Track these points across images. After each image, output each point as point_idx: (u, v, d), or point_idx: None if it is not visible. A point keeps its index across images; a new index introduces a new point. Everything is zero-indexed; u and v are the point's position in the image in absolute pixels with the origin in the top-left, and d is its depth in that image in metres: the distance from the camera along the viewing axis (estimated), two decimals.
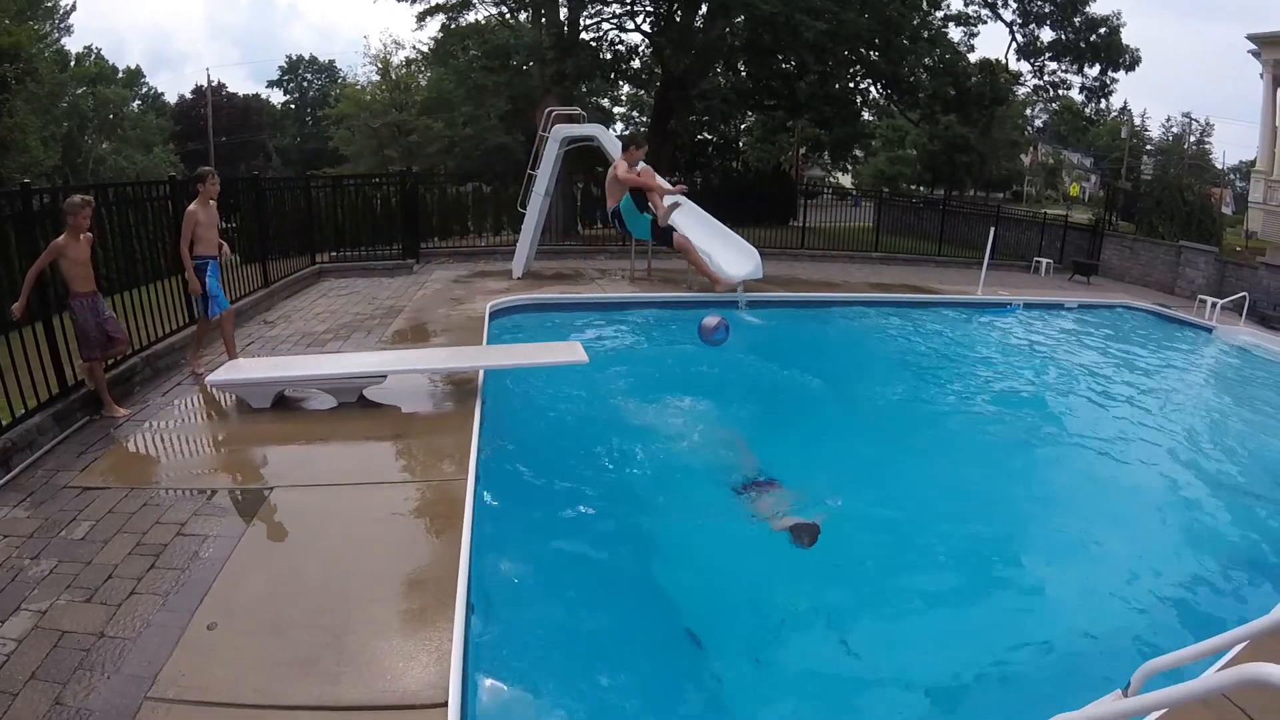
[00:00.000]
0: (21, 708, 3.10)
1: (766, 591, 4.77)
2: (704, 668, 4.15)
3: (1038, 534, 5.77)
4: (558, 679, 3.88)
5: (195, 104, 51.94)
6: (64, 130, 35.18)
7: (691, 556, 5.20)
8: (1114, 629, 4.61)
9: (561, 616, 4.41)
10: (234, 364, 7.15)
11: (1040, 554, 5.46)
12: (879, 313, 13.02)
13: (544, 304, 11.90)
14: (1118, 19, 21.77)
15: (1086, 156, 68.33)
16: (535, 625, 4.29)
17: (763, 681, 4.08)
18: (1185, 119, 58.15)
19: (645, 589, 4.78)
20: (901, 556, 5.32)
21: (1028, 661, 4.30)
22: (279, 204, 13.45)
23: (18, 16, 26.39)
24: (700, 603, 4.66)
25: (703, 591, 4.80)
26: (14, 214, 6.04)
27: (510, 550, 4.91)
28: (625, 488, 6.09)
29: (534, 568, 4.79)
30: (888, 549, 5.36)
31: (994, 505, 6.23)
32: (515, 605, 4.40)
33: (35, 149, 22.73)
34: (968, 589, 5.02)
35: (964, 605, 4.84)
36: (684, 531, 5.51)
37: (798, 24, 18.39)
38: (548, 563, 4.87)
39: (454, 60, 24.41)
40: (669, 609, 4.59)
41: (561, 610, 4.46)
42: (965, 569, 5.23)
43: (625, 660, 4.15)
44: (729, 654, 4.22)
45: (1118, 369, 10.57)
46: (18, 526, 4.57)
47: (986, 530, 5.73)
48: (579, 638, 4.27)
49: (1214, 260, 18.14)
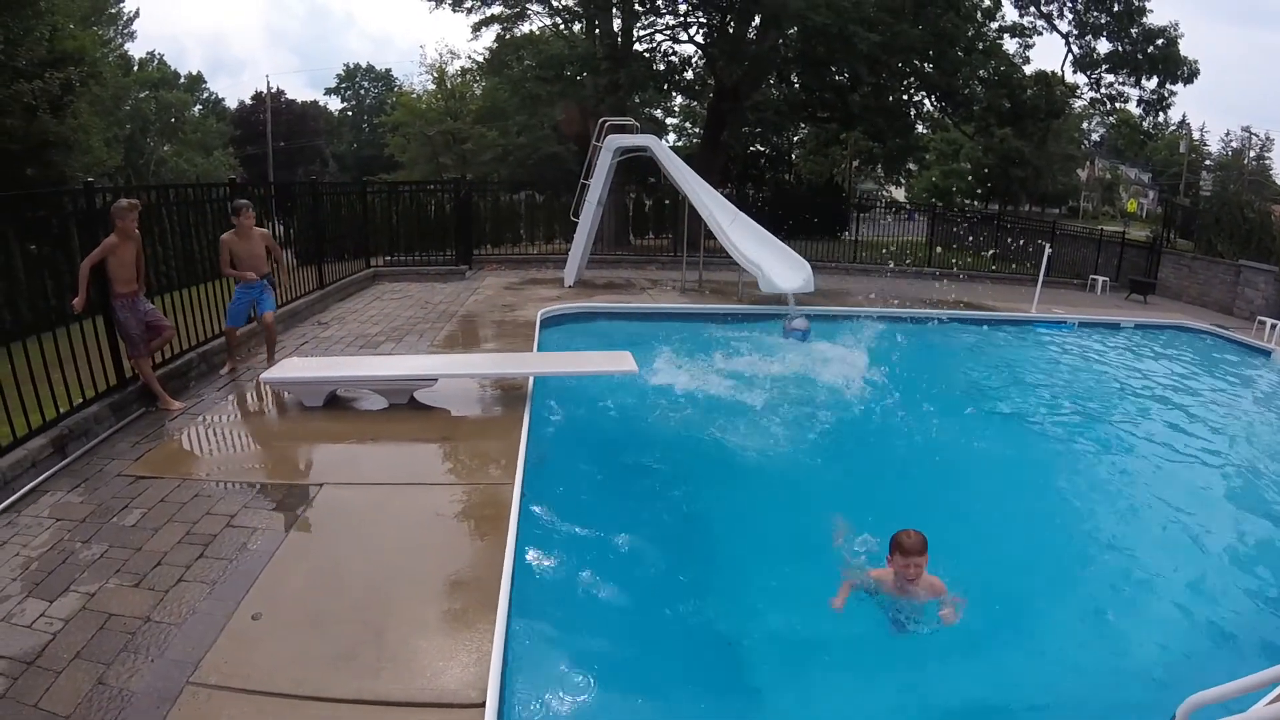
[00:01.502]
0: (64, 685, 3.15)
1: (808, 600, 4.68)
2: (742, 676, 4.09)
3: (1086, 560, 5.58)
4: (596, 685, 3.84)
5: (255, 109, 53.22)
6: (126, 132, 36.22)
7: (737, 570, 5.12)
8: (1161, 660, 4.43)
9: (603, 624, 4.37)
10: (287, 363, 7.27)
11: (1088, 580, 5.27)
12: (926, 329, 12.80)
13: (595, 312, 11.95)
14: (1175, 29, 21.27)
15: (1144, 171, 66.61)
16: (576, 631, 4.26)
17: (794, 686, 4.01)
18: (1245, 133, 56.36)
19: (687, 599, 4.72)
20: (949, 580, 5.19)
21: (1072, 691, 4.15)
22: (335, 208, 13.70)
23: (82, 22, 27.33)
24: (740, 612, 4.59)
25: (744, 601, 4.73)
26: (77, 211, 6.22)
27: (554, 556, 4.90)
28: (672, 499, 6.04)
29: (577, 575, 4.76)
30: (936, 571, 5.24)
31: (1042, 530, 6.03)
32: (557, 610, 4.38)
33: (98, 150, 23.41)
34: (1014, 615, 4.86)
35: (1009, 632, 4.69)
36: (731, 545, 5.45)
37: (851, 35, 18.26)
38: (591, 570, 4.83)
39: (508, 70, 24.66)
40: (709, 619, 4.53)
41: (603, 618, 4.42)
42: (1012, 594, 5.07)
43: (663, 670, 4.11)
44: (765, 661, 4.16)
45: (1173, 392, 10.21)
46: (71, 511, 4.68)
47: (1034, 555, 5.56)
48: (619, 645, 4.22)
49: (1274, 280, 17.43)
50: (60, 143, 18.48)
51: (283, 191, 15.76)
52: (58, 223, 6.39)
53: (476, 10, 22.97)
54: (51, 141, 18.08)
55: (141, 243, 6.46)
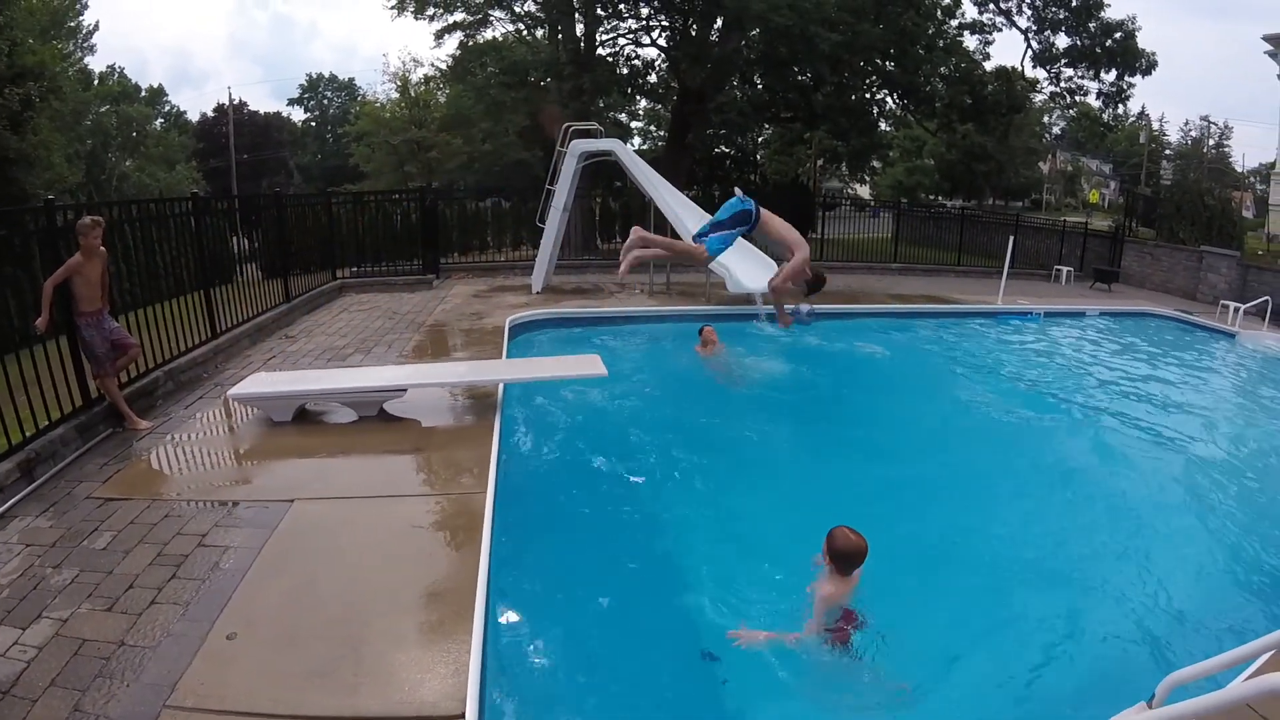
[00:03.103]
0: (41, 714, 3.14)
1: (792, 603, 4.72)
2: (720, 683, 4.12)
3: (1061, 545, 5.69)
4: (575, 692, 3.87)
5: (217, 122, 52.52)
6: (88, 148, 35.58)
7: (712, 572, 5.15)
8: (1139, 640, 4.53)
9: (580, 630, 4.40)
10: (255, 378, 7.22)
11: (1064, 565, 5.37)
12: (896, 324, 12.96)
13: (563, 318, 11.95)
14: (1133, 23, 21.69)
15: (1105, 163, 67.68)
16: (553, 638, 4.28)
17: (781, 691, 4.04)
18: (1204, 122, 57.43)
19: (663, 605, 4.76)
20: (925, 567, 5.26)
21: (1053, 673, 4.23)
22: (300, 220, 13.59)
23: (41, 35, 26.83)
24: (719, 621, 4.62)
25: (722, 608, 4.76)
26: (38, 229, 6.15)
27: (529, 563, 4.92)
28: (645, 501, 6.09)
29: (553, 581, 4.79)
30: (913, 559, 5.31)
31: (1018, 516, 6.15)
32: (534, 618, 4.40)
33: (59, 166, 23.03)
34: (991, 600, 4.95)
35: (988, 617, 4.78)
36: (703, 546, 5.46)
37: (813, 36, 18.42)
38: (566, 576, 4.87)
39: (472, 77, 24.59)
40: (687, 625, 4.56)
41: (580, 624, 4.45)
42: (988, 580, 5.16)
43: (642, 676, 4.14)
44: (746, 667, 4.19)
45: (1140, 378, 10.44)
46: (40, 536, 4.63)
47: (1010, 541, 5.67)
48: (597, 651, 4.26)
49: (1236, 265, 17.88)
50: (21, 159, 18.27)
51: (247, 204, 15.64)
52: (19, 241, 6.30)
53: (439, 18, 22.88)
54: (12, 158, 17.89)
55: (107, 260, 6.40)
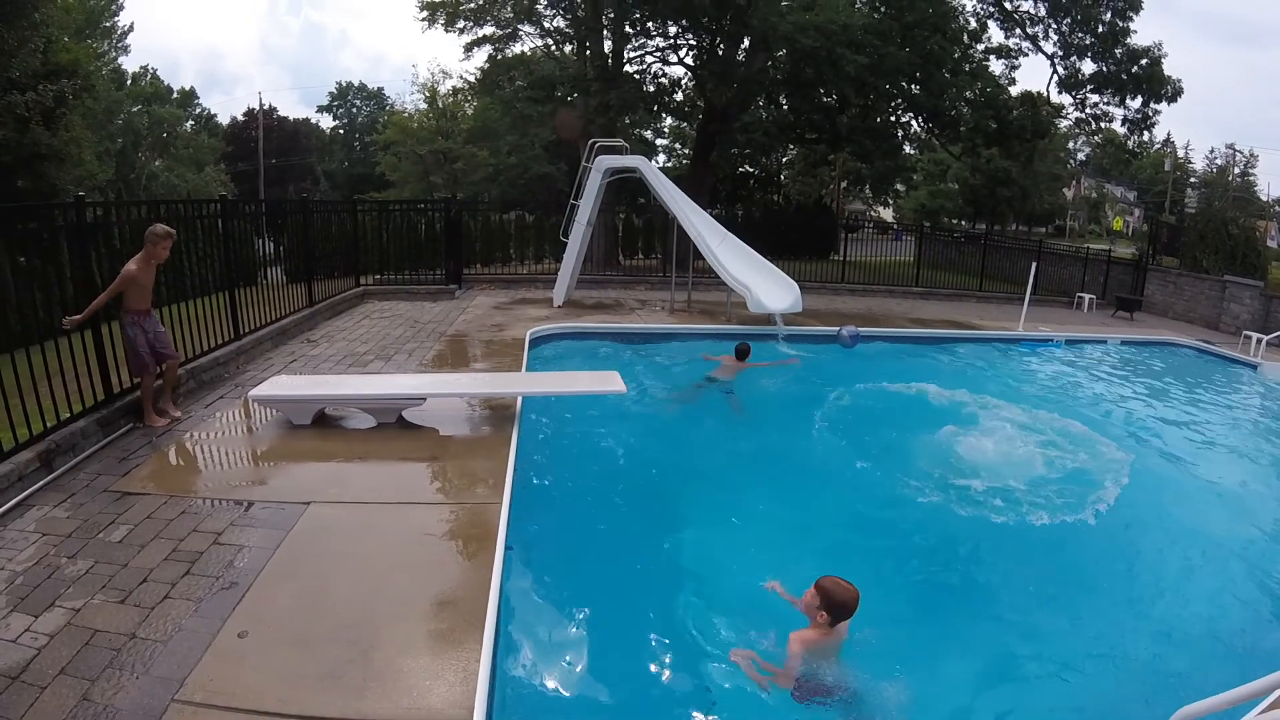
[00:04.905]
0: (49, 701, 3.15)
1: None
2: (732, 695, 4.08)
3: (1077, 574, 5.62)
4: (583, 707, 3.84)
5: (246, 126, 53.21)
6: (118, 146, 36.03)
7: (726, 590, 5.12)
8: (1152, 672, 4.47)
9: (590, 642, 4.37)
10: (276, 380, 7.26)
11: (1079, 595, 5.31)
12: (916, 348, 12.89)
13: (584, 332, 11.97)
14: (1159, 49, 21.66)
15: (1130, 190, 67.32)
16: (563, 650, 4.27)
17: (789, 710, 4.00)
18: (1229, 150, 56.96)
19: (675, 622, 4.72)
20: (941, 594, 5.22)
21: (1065, 704, 4.18)
22: (326, 226, 13.72)
23: (76, 35, 27.29)
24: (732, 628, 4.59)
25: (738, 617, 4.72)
26: (67, 225, 6.21)
27: (542, 576, 4.90)
28: (660, 519, 6.05)
29: (565, 595, 4.76)
30: (929, 585, 5.26)
31: (1035, 545, 6.07)
32: (544, 631, 4.39)
33: (90, 163, 23.30)
34: (1006, 628, 4.90)
35: (1002, 646, 4.72)
36: (718, 564, 5.43)
37: (839, 58, 18.48)
38: (578, 591, 4.84)
39: (500, 90, 24.84)
40: (697, 640, 4.53)
41: (589, 638, 4.42)
42: (1005, 609, 5.11)
43: (650, 692, 4.11)
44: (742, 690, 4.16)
45: (1160, 407, 10.31)
46: (57, 526, 4.67)
47: (1026, 569, 5.60)
48: (607, 664, 4.22)
49: (1259, 295, 17.66)
50: (52, 155, 18.52)
51: (273, 209, 15.80)
52: (48, 235, 6.38)
53: (469, 31, 23.22)
54: (43, 154, 18.13)
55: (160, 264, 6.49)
